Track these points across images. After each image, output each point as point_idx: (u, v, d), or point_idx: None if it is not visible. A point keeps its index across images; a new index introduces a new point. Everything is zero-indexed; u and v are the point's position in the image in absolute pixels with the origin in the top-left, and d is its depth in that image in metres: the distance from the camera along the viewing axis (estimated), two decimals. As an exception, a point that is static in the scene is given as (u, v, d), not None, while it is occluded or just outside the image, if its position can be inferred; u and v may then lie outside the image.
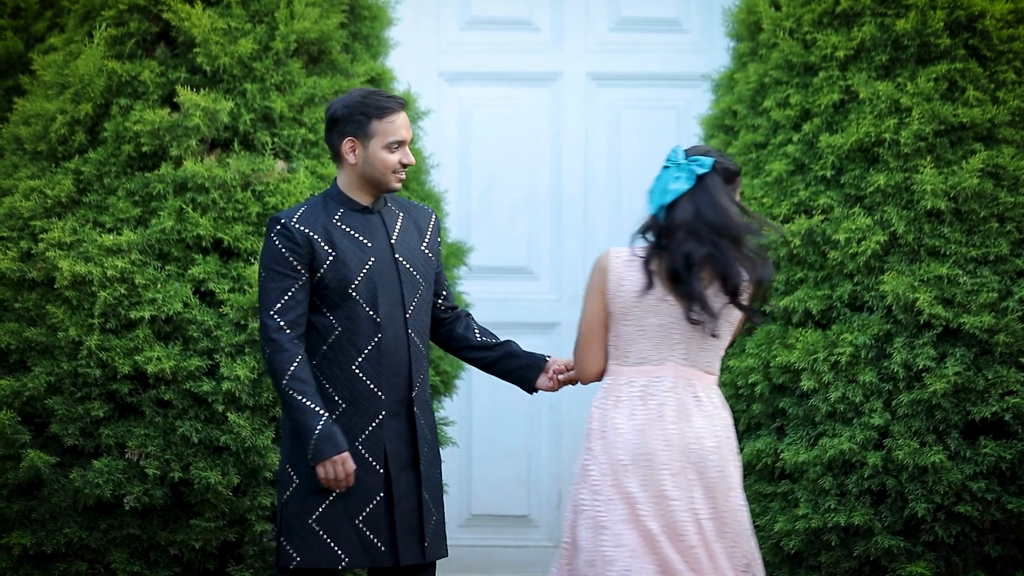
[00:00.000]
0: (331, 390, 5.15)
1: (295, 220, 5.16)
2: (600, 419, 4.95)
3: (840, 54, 6.53)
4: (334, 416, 5.14)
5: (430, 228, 5.36)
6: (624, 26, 8.00)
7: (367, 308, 5.16)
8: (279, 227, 5.15)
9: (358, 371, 5.16)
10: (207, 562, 6.36)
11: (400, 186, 5.23)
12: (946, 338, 6.22)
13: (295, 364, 5.08)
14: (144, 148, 6.42)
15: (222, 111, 6.41)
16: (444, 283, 5.43)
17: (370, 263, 5.18)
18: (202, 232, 6.33)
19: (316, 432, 5.04)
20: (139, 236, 6.33)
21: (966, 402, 6.15)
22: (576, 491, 4.95)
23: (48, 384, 6.26)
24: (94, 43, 6.55)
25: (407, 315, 5.21)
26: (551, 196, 7.99)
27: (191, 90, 6.43)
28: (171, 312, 6.25)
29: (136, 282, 6.27)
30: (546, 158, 8.01)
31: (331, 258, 5.14)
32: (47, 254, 6.31)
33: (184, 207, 6.35)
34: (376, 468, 5.15)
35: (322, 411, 5.06)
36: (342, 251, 5.15)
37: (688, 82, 7.90)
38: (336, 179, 5.26)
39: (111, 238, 6.31)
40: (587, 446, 4.96)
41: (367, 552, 5.14)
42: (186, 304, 6.29)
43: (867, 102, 6.45)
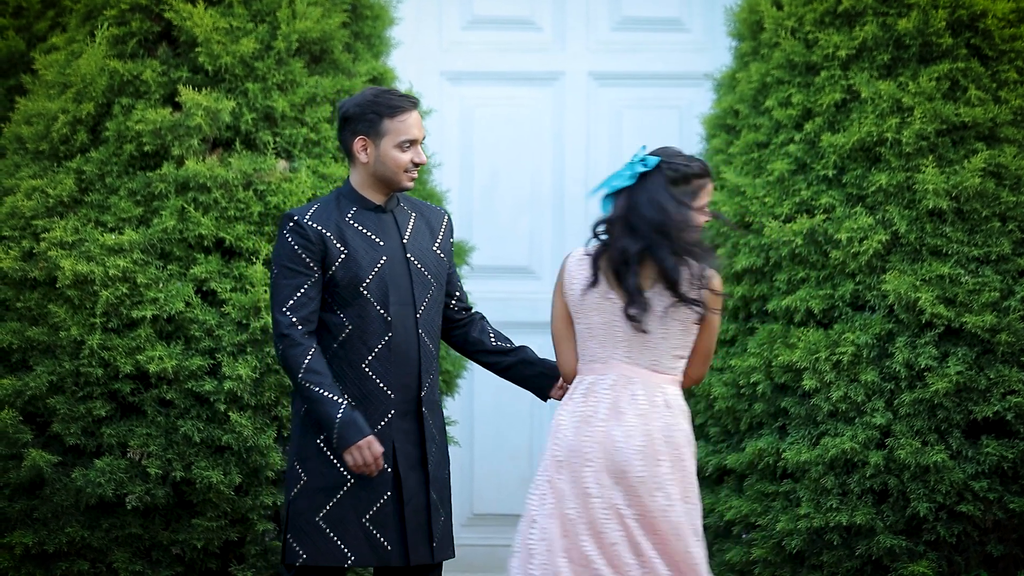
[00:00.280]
0: (341, 388, 5.15)
1: (308, 217, 5.16)
2: (554, 417, 5.06)
3: (842, 53, 6.52)
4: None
5: (442, 228, 5.36)
6: (626, 25, 8.00)
7: (378, 307, 5.16)
8: (292, 224, 5.15)
9: (368, 370, 5.16)
10: (209, 561, 6.36)
11: (412, 185, 5.23)
12: (948, 337, 6.22)
13: (309, 356, 5.09)
14: (146, 147, 6.42)
15: (224, 110, 6.41)
16: (457, 284, 5.43)
17: (382, 262, 5.18)
18: (204, 231, 6.33)
19: (337, 420, 5.05)
20: (141, 235, 6.33)
21: (968, 401, 6.15)
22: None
23: (50, 383, 6.26)
24: (96, 42, 6.55)
25: (417, 315, 5.22)
26: (553, 196, 7.99)
27: (193, 89, 6.43)
28: (173, 311, 6.25)
29: (138, 281, 6.27)
30: (548, 158, 8.00)
31: (343, 256, 5.15)
32: (49, 253, 6.31)
33: (186, 206, 6.35)
34: (384, 467, 5.15)
35: (340, 399, 5.06)
36: (354, 249, 5.16)
37: (690, 81, 7.89)
38: (349, 177, 5.26)
39: (113, 237, 6.32)
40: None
41: (374, 551, 5.14)
42: (188, 303, 6.29)
43: (869, 101, 6.45)
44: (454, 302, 5.40)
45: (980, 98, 6.40)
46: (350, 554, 5.13)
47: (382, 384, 5.16)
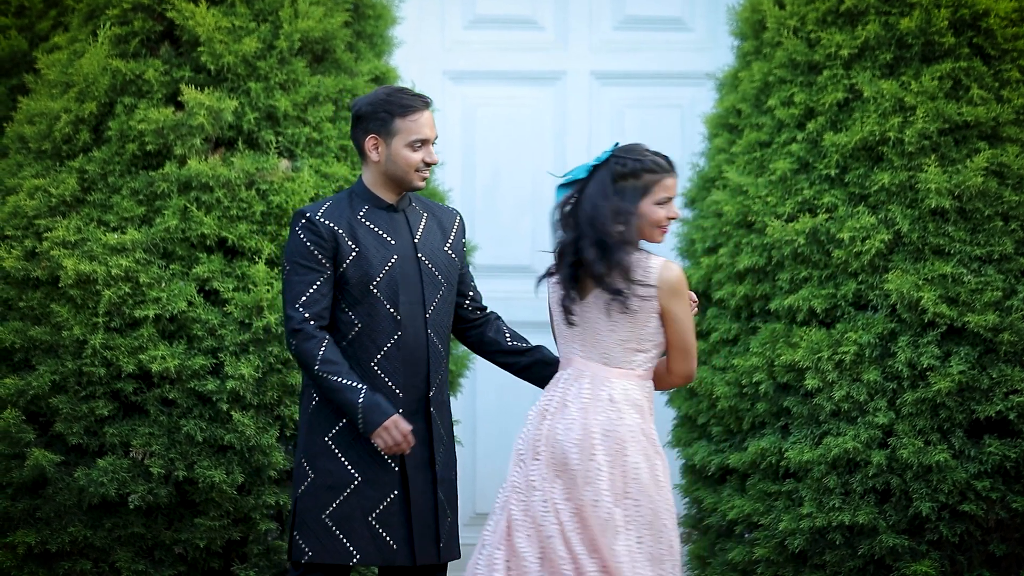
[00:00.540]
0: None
1: (320, 214, 5.17)
2: None
3: (844, 53, 6.52)
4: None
5: (454, 229, 5.37)
6: (628, 25, 8.00)
7: (388, 305, 5.17)
8: (304, 221, 5.16)
9: (377, 368, 5.16)
10: (212, 561, 6.36)
11: (424, 184, 5.25)
12: (950, 337, 6.22)
13: (323, 348, 5.09)
14: (148, 147, 6.43)
15: (226, 110, 6.41)
16: (471, 283, 5.43)
17: (392, 261, 5.19)
18: (206, 231, 6.34)
19: (360, 404, 5.05)
20: (143, 235, 6.33)
21: (970, 401, 6.15)
22: None
23: (53, 383, 6.27)
24: (98, 42, 6.56)
25: (427, 315, 5.22)
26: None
27: (195, 89, 6.43)
28: (175, 311, 6.25)
29: (140, 281, 6.27)
30: (550, 157, 8.00)
31: (354, 254, 5.15)
32: (51, 253, 6.31)
33: (188, 206, 6.35)
34: (391, 466, 5.16)
35: (359, 384, 5.07)
36: (365, 247, 5.16)
37: (692, 81, 7.89)
38: (361, 176, 5.27)
39: (115, 237, 6.32)
40: None
41: (379, 551, 5.15)
42: (190, 303, 6.29)
43: (871, 101, 6.45)
44: (468, 302, 5.41)
45: (982, 97, 6.40)
46: (355, 552, 5.13)
47: (390, 383, 5.16)
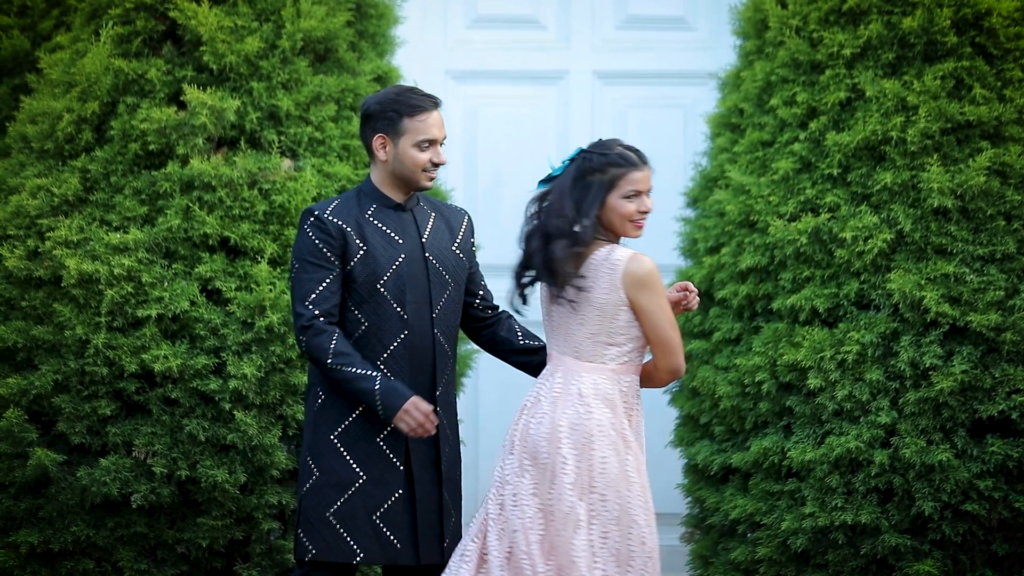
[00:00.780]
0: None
1: (328, 212, 5.18)
2: None
3: (847, 52, 6.52)
4: (359, 410, 5.16)
5: (462, 228, 5.38)
6: (630, 24, 8.00)
7: (394, 304, 5.17)
8: (312, 219, 5.17)
9: (383, 367, 5.17)
10: (214, 560, 6.36)
11: (431, 185, 5.26)
12: (953, 336, 6.22)
13: (334, 341, 5.11)
14: (151, 146, 6.43)
15: (228, 109, 6.41)
16: (480, 283, 5.44)
17: (400, 260, 5.19)
18: (209, 230, 6.34)
19: (376, 391, 5.06)
20: (146, 234, 6.34)
21: (973, 400, 6.15)
22: None
23: (55, 382, 6.27)
24: (101, 41, 6.56)
25: (434, 314, 5.22)
26: (557, 194, 7.98)
27: (198, 88, 6.43)
28: (178, 310, 6.25)
29: (143, 280, 6.27)
30: (552, 156, 8.00)
31: (362, 252, 5.16)
32: (54, 252, 6.32)
33: (191, 205, 6.35)
34: (396, 465, 5.16)
35: (372, 372, 5.08)
36: (373, 246, 5.17)
37: (695, 80, 7.89)
38: (369, 175, 5.28)
39: (118, 236, 6.32)
40: None
41: (383, 549, 5.15)
42: (193, 302, 6.29)
43: (874, 100, 6.45)
44: (478, 301, 5.41)
45: (985, 97, 6.40)
46: (359, 551, 5.14)
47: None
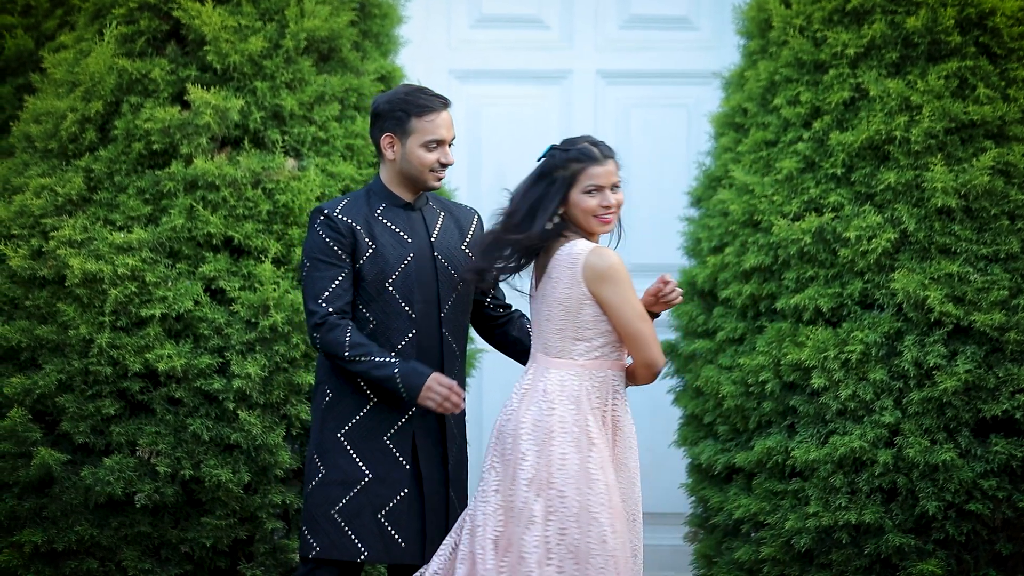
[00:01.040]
0: (363, 383, 5.17)
1: (338, 211, 5.20)
2: None
3: (850, 51, 6.52)
4: (366, 408, 5.17)
5: (472, 228, 5.39)
6: (634, 24, 8.00)
7: (402, 303, 5.18)
8: (323, 217, 5.18)
9: None
10: (218, 560, 6.36)
11: (439, 185, 5.26)
12: (957, 336, 6.22)
13: (348, 333, 5.12)
14: (154, 146, 6.43)
15: (232, 109, 6.42)
16: None
17: (408, 259, 5.20)
18: (212, 230, 6.34)
19: (396, 375, 5.08)
20: (149, 234, 6.34)
21: (977, 400, 6.15)
22: None
23: (59, 382, 6.27)
24: (104, 41, 6.56)
25: (442, 313, 5.23)
26: (561, 194, 7.98)
27: (201, 88, 6.43)
28: (182, 310, 6.26)
29: (147, 280, 6.27)
30: (555, 156, 8.00)
31: (371, 250, 5.17)
32: (58, 252, 6.32)
33: (194, 205, 6.35)
34: (403, 463, 5.17)
35: (389, 358, 5.10)
36: (382, 244, 5.18)
37: (698, 80, 7.89)
38: (379, 174, 5.29)
39: (122, 236, 6.32)
40: None
41: (387, 548, 5.16)
42: (197, 302, 6.29)
43: (877, 100, 6.45)
44: (489, 300, 5.43)
45: (989, 96, 6.39)
46: (363, 549, 5.14)
47: None
